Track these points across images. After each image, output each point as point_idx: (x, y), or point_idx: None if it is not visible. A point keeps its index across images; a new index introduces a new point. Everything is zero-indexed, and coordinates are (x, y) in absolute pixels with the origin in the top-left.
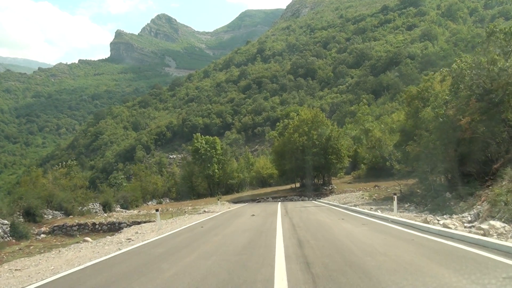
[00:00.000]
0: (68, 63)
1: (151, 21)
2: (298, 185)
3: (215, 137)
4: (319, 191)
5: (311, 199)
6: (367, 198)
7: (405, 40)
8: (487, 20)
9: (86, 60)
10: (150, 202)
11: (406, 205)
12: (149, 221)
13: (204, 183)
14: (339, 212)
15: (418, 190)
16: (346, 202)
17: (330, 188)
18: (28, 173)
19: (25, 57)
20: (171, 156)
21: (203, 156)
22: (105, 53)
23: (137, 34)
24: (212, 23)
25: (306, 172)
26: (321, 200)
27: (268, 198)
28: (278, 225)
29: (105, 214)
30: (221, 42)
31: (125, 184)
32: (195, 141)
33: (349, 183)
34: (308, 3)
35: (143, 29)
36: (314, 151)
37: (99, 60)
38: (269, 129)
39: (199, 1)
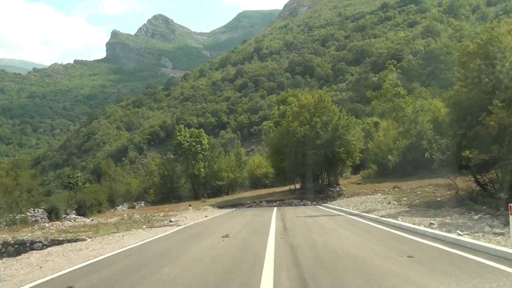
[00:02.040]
0: (64, 64)
1: (147, 21)
2: (298, 186)
3: (201, 129)
4: (324, 193)
5: (314, 203)
6: (395, 203)
7: (407, 37)
8: (490, 17)
9: (81, 60)
10: (120, 207)
11: (476, 217)
12: (81, 240)
13: (187, 184)
14: (378, 231)
15: (473, 194)
16: (369, 209)
17: (337, 189)
18: None
19: (21, 58)
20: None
21: (186, 152)
22: (101, 54)
23: (133, 34)
24: (209, 24)
25: (308, 170)
26: (329, 205)
27: (261, 201)
28: (264, 281)
29: (42, 225)
30: (218, 43)
31: (82, 184)
32: (177, 133)
33: (359, 183)
34: (305, 2)
35: (140, 29)
36: (318, 144)
37: (94, 61)
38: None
39: (195, 3)
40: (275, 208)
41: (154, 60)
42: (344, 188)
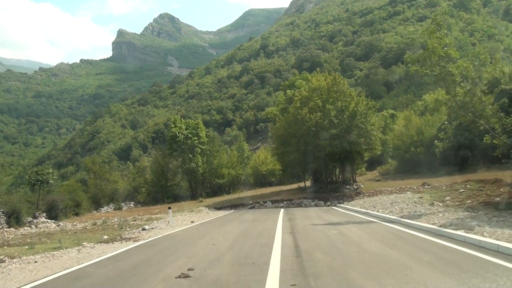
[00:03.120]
0: (70, 63)
1: (153, 20)
2: (308, 183)
3: (199, 121)
4: (339, 191)
5: (328, 203)
6: (440, 204)
7: (416, 31)
8: (501, 11)
9: (87, 59)
10: (105, 208)
11: None
12: (5, 259)
13: (184, 182)
14: (476, 263)
15: None
16: (408, 212)
17: (355, 187)
18: None
19: (28, 58)
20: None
21: (182, 146)
22: (107, 54)
23: (139, 33)
24: (215, 22)
25: (320, 164)
26: (347, 206)
27: (266, 202)
28: None
29: None
30: (225, 42)
31: (53, 182)
32: (172, 125)
33: (378, 180)
34: None
35: (146, 28)
36: (332, 133)
37: (100, 60)
38: (272, 125)
39: (201, 1)
40: (282, 210)
41: (160, 59)
42: (362, 186)
